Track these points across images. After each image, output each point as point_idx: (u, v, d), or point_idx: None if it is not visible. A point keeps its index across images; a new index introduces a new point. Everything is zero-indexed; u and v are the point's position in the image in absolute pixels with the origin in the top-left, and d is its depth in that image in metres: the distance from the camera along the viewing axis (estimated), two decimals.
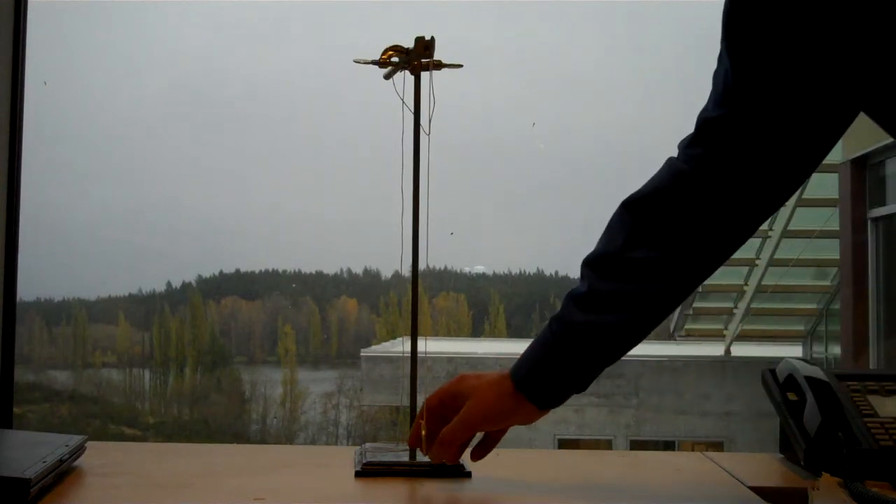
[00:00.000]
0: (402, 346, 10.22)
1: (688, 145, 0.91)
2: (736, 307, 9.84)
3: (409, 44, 1.01)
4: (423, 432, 0.96)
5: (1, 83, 1.42)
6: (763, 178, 0.89)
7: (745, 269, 9.39)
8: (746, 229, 0.91)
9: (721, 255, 0.92)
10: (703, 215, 0.89)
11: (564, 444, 9.16)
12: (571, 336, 0.90)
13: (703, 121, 0.90)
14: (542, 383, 0.91)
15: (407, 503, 0.94)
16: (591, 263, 0.91)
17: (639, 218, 0.90)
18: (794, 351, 9.93)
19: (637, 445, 9.23)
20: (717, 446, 9.13)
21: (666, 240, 0.89)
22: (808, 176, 0.91)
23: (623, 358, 0.97)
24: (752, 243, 8.68)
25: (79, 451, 0.99)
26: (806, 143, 0.88)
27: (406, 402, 1.04)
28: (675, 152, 0.94)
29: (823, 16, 0.77)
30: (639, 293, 0.89)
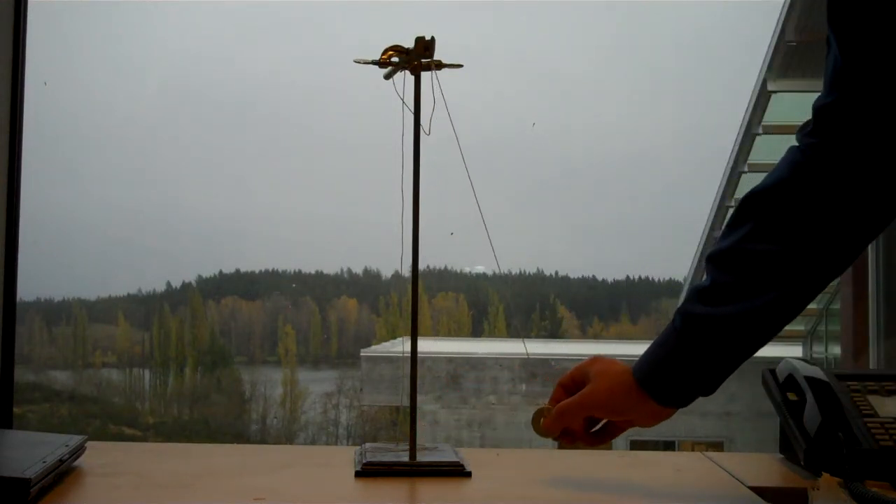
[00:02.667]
0: (402, 346, 10.22)
1: (805, 135, 0.89)
2: None
3: (409, 44, 1.01)
4: (544, 411, 0.96)
5: (1, 83, 1.42)
6: (880, 163, 0.85)
7: None
8: (872, 222, 0.87)
9: (846, 251, 0.88)
10: (823, 207, 0.86)
11: None
12: (692, 328, 0.88)
13: (818, 108, 0.88)
14: (661, 377, 0.89)
15: (407, 503, 0.94)
16: (712, 258, 0.90)
17: (759, 212, 0.89)
18: (794, 351, 9.93)
19: (637, 445, 9.22)
20: (717, 446, 9.13)
21: (785, 233, 0.87)
22: None
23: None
24: None
25: (79, 451, 0.99)
26: None
27: (406, 402, 1.04)
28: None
29: None
30: (757, 287, 0.86)
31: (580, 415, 0.93)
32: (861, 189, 0.86)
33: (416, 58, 1.00)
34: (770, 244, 0.87)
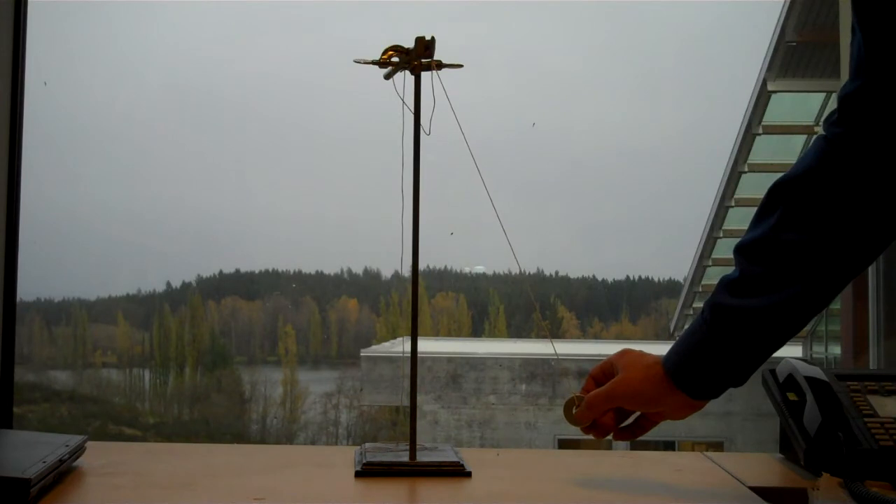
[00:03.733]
0: (402, 346, 10.22)
1: (831, 124, 0.89)
2: None
3: (409, 44, 1.01)
4: (575, 400, 0.96)
5: (1, 83, 1.42)
6: None
7: None
8: None
9: (875, 241, 0.87)
10: (850, 197, 0.85)
11: (564, 444, 9.16)
12: (721, 321, 0.88)
13: (842, 96, 0.87)
14: (690, 369, 0.89)
15: (407, 503, 0.94)
16: (741, 249, 0.89)
17: (787, 202, 0.88)
18: (794, 351, 9.92)
19: (637, 445, 9.22)
20: (717, 446, 9.13)
21: (814, 223, 0.86)
22: None
23: None
24: None
25: (79, 451, 0.99)
26: None
27: (406, 402, 1.04)
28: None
29: None
30: (787, 277, 0.86)
31: (609, 405, 0.93)
32: (888, 178, 0.85)
33: (416, 58, 1.00)
34: (799, 234, 0.86)
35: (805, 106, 8.12)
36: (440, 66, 1.01)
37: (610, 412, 0.95)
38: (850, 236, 0.86)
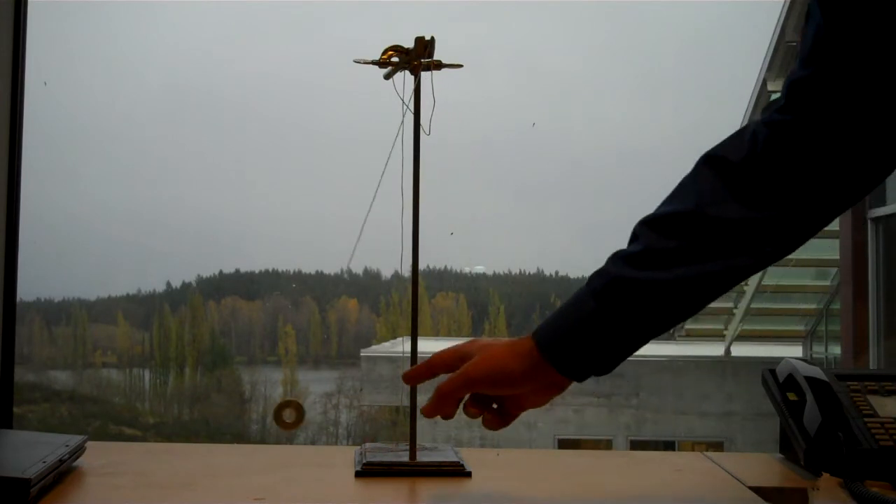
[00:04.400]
0: (402, 346, 10.21)
1: (775, 111, 0.85)
2: (736, 307, 9.84)
3: (409, 44, 1.01)
4: (293, 404, 0.93)
5: (1, 83, 1.42)
6: (856, 140, 0.81)
7: None
8: (838, 198, 0.83)
9: (806, 226, 0.84)
10: (790, 182, 0.82)
11: (564, 444, 9.16)
12: (617, 292, 0.81)
13: (791, 83, 0.84)
14: (568, 342, 0.82)
15: (407, 503, 0.94)
16: (651, 223, 0.84)
17: (717, 180, 0.84)
18: (794, 351, 9.93)
19: (637, 445, 9.23)
20: (717, 446, 9.13)
21: (747, 204, 0.82)
22: None
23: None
24: None
25: (79, 451, 0.99)
26: None
27: (406, 402, 1.04)
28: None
29: None
30: (709, 252, 0.81)
31: (465, 391, 0.85)
32: (838, 168, 0.82)
33: (416, 58, 1.00)
34: (729, 213, 0.82)
35: None
36: (440, 66, 1.01)
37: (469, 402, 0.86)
38: (784, 221, 0.83)
